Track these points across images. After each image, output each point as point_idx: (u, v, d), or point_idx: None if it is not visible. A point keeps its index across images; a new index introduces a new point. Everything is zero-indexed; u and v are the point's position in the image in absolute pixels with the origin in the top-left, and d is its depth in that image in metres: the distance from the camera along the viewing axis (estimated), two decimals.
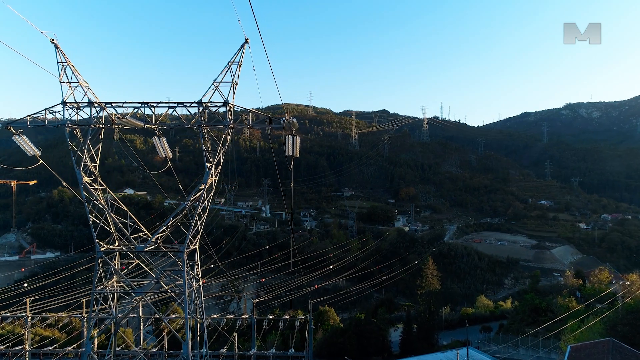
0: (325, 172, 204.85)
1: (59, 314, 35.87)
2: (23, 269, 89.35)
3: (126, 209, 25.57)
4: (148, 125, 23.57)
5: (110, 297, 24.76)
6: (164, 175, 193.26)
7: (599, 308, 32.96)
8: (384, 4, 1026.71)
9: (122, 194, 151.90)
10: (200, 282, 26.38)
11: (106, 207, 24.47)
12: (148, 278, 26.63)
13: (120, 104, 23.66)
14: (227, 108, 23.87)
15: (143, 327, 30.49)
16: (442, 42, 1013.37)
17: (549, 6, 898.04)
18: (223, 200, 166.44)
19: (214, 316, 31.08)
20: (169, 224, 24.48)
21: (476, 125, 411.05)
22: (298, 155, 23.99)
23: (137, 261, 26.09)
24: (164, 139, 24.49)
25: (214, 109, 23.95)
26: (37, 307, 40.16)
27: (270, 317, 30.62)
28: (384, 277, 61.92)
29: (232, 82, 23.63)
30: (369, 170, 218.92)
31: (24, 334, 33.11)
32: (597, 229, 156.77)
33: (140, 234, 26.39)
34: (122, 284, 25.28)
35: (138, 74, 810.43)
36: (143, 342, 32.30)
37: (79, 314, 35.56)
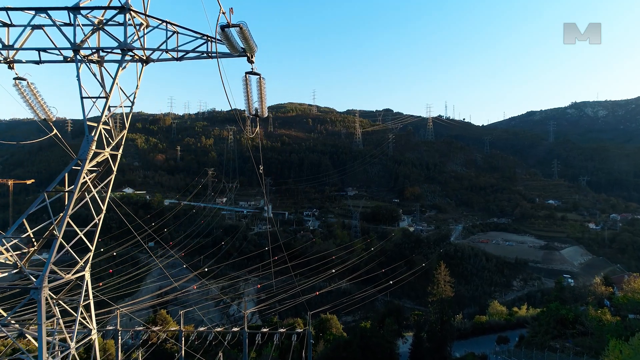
0: (329, 171, 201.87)
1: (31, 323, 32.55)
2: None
3: None
4: None
5: None
6: (164, 174, 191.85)
7: (634, 320, 29.41)
8: (387, 4, 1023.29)
9: (121, 192, 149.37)
10: (95, 335, 16.22)
11: None
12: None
13: None
14: (127, 18, 13.41)
15: (122, 339, 27.29)
16: (446, 41, 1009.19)
17: (551, 5, 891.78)
18: (225, 199, 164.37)
19: (201, 329, 27.89)
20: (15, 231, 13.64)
21: (481, 124, 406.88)
22: (266, 114, 15.26)
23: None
24: (33, 85, 15.02)
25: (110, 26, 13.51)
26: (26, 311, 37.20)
27: (264, 330, 27.46)
28: (391, 282, 58.65)
29: None
30: (373, 170, 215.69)
31: None
32: (607, 229, 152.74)
33: None
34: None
35: None
36: (124, 354, 29.40)
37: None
